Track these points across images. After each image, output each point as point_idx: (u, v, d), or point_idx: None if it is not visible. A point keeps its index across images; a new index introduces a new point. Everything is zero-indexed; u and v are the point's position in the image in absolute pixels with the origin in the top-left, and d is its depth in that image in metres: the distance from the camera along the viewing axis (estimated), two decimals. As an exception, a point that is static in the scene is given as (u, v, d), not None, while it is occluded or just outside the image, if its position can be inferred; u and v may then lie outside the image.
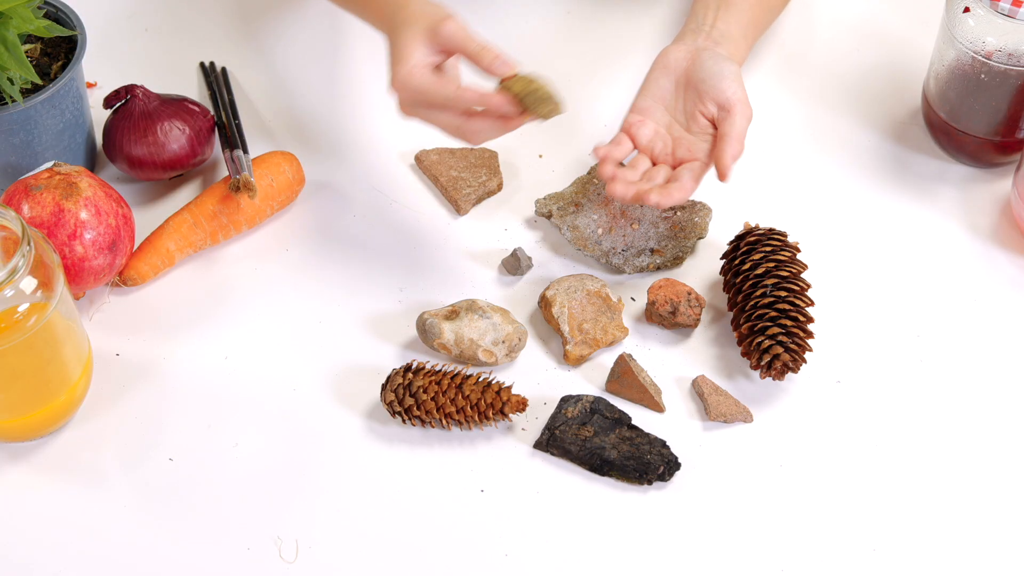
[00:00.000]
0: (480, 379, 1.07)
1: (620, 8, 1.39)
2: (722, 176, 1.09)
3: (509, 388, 1.06)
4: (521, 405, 1.06)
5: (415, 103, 1.07)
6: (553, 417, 1.07)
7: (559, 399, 1.09)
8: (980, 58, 1.17)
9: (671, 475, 1.04)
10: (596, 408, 1.07)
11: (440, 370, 1.07)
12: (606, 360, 1.12)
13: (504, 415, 1.06)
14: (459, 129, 1.07)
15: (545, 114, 1.05)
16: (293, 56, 1.35)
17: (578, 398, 1.08)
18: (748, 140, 1.27)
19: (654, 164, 1.14)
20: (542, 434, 1.07)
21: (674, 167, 1.12)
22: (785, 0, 1.28)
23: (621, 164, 1.13)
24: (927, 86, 1.25)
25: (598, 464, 1.05)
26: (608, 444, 1.06)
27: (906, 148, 1.27)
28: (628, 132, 1.14)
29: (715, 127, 1.12)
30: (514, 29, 1.37)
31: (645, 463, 1.04)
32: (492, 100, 1.05)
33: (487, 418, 1.06)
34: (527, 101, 1.05)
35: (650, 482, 1.04)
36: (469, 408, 1.05)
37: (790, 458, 1.07)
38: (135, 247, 1.17)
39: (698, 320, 1.12)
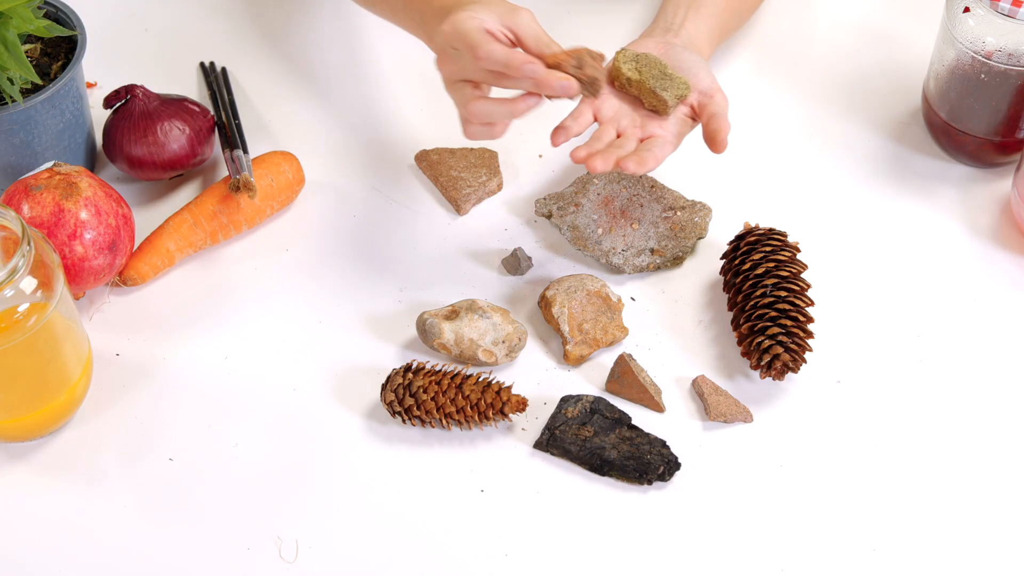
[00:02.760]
0: (480, 379, 1.07)
1: (619, 9, 1.39)
2: (721, 146, 1.09)
3: (509, 388, 1.06)
4: (521, 405, 1.06)
5: (456, 52, 1.05)
6: (553, 417, 1.07)
7: (559, 399, 1.09)
8: (980, 58, 1.17)
9: (671, 475, 1.04)
10: (596, 408, 1.07)
11: (440, 370, 1.07)
12: (606, 360, 1.12)
13: (504, 415, 1.06)
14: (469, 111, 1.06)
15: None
16: (293, 56, 1.35)
17: (578, 398, 1.08)
18: (748, 140, 1.28)
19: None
20: (542, 434, 1.07)
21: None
22: (754, 6, 1.28)
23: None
24: (927, 86, 1.25)
25: (598, 464, 1.05)
26: (608, 444, 1.06)
27: (906, 148, 1.27)
28: (591, 106, 1.12)
29: (693, 112, 1.12)
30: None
31: (645, 463, 1.04)
32: (546, 75, 1.03)
33: (487, 418, 1.06)
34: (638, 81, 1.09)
35: (650, 482, 1.04)
36: (469, 408, 1.05)
37: (790, 458, 1.07)
38: (135, 247, 1.17)
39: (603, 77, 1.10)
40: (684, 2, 1.20)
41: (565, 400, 1.08)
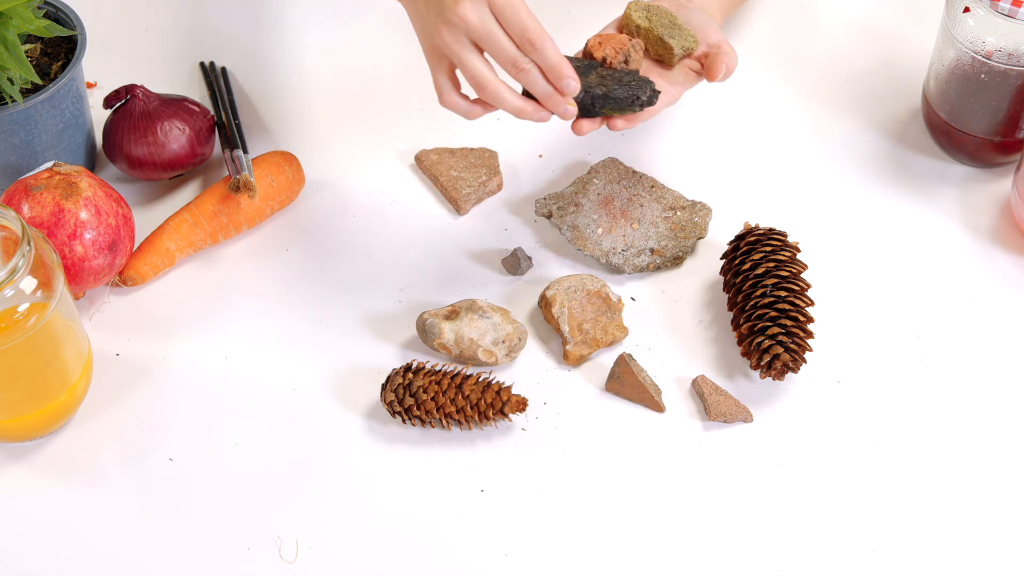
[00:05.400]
0: (480, 379, 1.07)
1: (619, 9, 1.39)
2: (716, 74, 1.11)
3: (509, 388, 1.06)
4: (521, 405, 1.06)
5: (482, 20, 1.02)
6: None
7: None
8: (980, 58, 1.17)
9: (656, 97, 1.07)
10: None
11: (440, 370, 1.07)
12: (606, 360, 1.12)
13: (504, 415, 1.06)
14: (492, 80, 1.04)
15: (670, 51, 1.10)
16: (293, 56, 1.35)
17: None
18: (748, 139, 1.28)
19: None
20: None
21: None
22: None
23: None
24: (927, 86, 1.25)
25: (590, 103, 1.06)
26: (593, 84, 1.07)
27: (906, 148, 1.27)
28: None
29: (700, 65, 1.14)
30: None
31: (634, 87, 1.07)
32: (562, 66, 1.02)
33: (487, 418, 1.06)
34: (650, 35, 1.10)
35: (642, 106, 1.06)
36: (469, 408, 1.05)
37: (790, 458, 1.07)
38: (135, 247, 1.17)
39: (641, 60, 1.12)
40: None
41: None
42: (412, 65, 1.33)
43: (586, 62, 1.09)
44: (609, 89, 1.07)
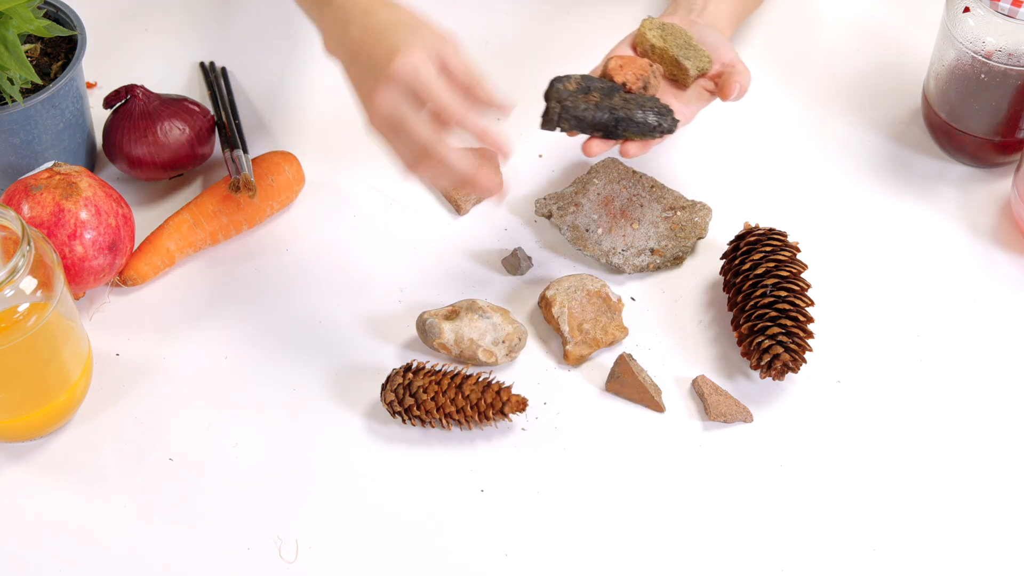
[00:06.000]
0: (480, 379, 1.07)
1: (619, 9, 1.39)
2: (730, 93, 1.11)
3: (509, 388, 1.06)
4: (521, 405, 1.06)
5: (401, 102, 0.97)
6: (555, 94, 1.07)
7: (550, 81, 1.08)
8: (980, 58, 1.17)
9: (676, 126, 1.08)
10: (588, 81, 1.08)
11: (440, 370, 1.07)
12: (606, 360, 1.12)
13: (504, 415, 1.06)
14: (433, 147, 0.97)
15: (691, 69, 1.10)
16: (293, 56, 1.35)
17: (567, 76, 1.08)
18: (748, 139, 1.28)
19: None
20: (549, 111, 1.06)
21: None
22: None
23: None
24: (927, 86, 1.25)
25: (613, 125, 1.06)
26: (617, 106, 1.07)
27: (906, 148, 1.27)
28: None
29: (713, 84, 1.14)
30: (511, 29, 1.37)
31: (658, 114, 1.07)
32: (493, 135, 0.99)
33: (487, 418, 1.06)
34: (665, 55, 1.10)
35: (663, 133, 1.07)
36: (469, 408, 1.05)
37: (790, 458, 1.07)
38: (135, 247, 1.17)
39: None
40: None
41: (556, 80, 1.08)
42: (412, 65, 1.33)
43: (608, 84, 1.09)
44: (632, 113, 1.07)
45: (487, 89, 1.00)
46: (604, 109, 1.07)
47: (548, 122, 1.09)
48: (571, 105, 1.08)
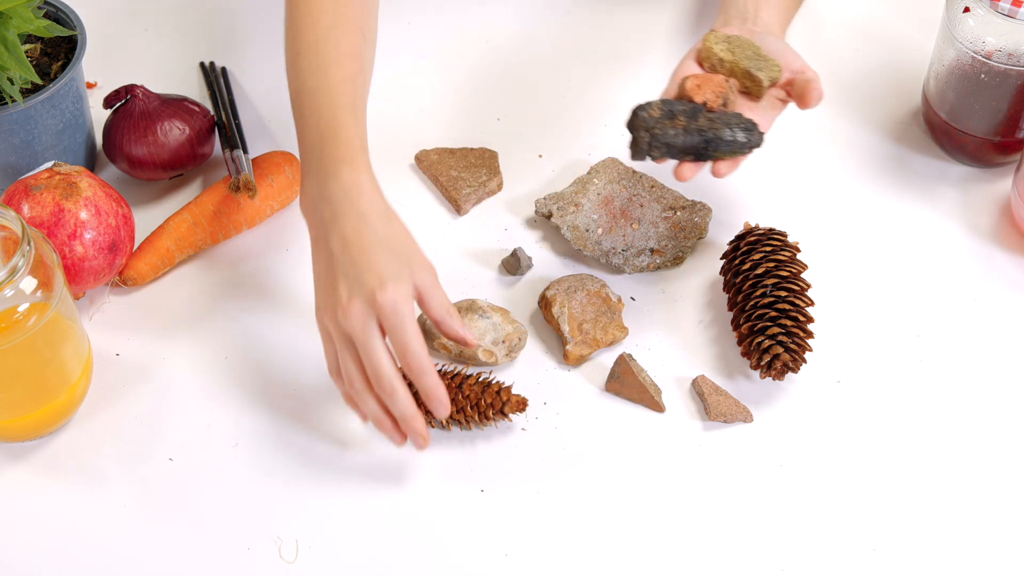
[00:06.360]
0: (480, 379, 1.07)
1: (619, 9, 1.39)
2: (810, 101, 1.09)
3: (509, 388, 1.06)
4: (521, 405, 1.06)
5: (372, 325, 0.98)
6: (640, 123, 1.05)
7: (631, 110, 1.06)
8: (980, 58, 1.17)
9: (762, 140, 1.07)
10: (670, 105, 1.06)
11: (440, 370, 1.07)
12: (606, 360, 1.12)
13: (504, 415, 1.06)
14: (381, 381, 0.98)
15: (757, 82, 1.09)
16: (293, 56, 1.34)
17: (648, 104, 1.06)
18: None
19: None
20: (638, 140, 1.05)
21: None
22: None
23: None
24: (927, 86, 1.25)
25: (703, 147, 1.05)
26: (704, 127, 1.05)
27: (906, 148, 1.27)
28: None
29: (785, 93, 1.12)
30: (511, 28, 1.37)
31: (744, 131, 1.06)
32: (437, 390, 0.99)
33: (487, 418, 1.06)
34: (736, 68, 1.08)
35: (751, 149, 1.06)
36: (469, 408, 1.05)
37: (790, 458, 1.07)
38: (135, 247, 1.17)
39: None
40: None
41: (639, 108, 1.06)
42: (412, 65, 1.33)
43: (690, 105, 1.07)
44: (721, 133, 1.05)
45: (456, 325, 1.01)
46: (693, 132, 1.05)
47: (638, 152, 1.06)
48: (660, 132, 1.05)
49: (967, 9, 1.17)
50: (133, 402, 1.10)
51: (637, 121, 1.06)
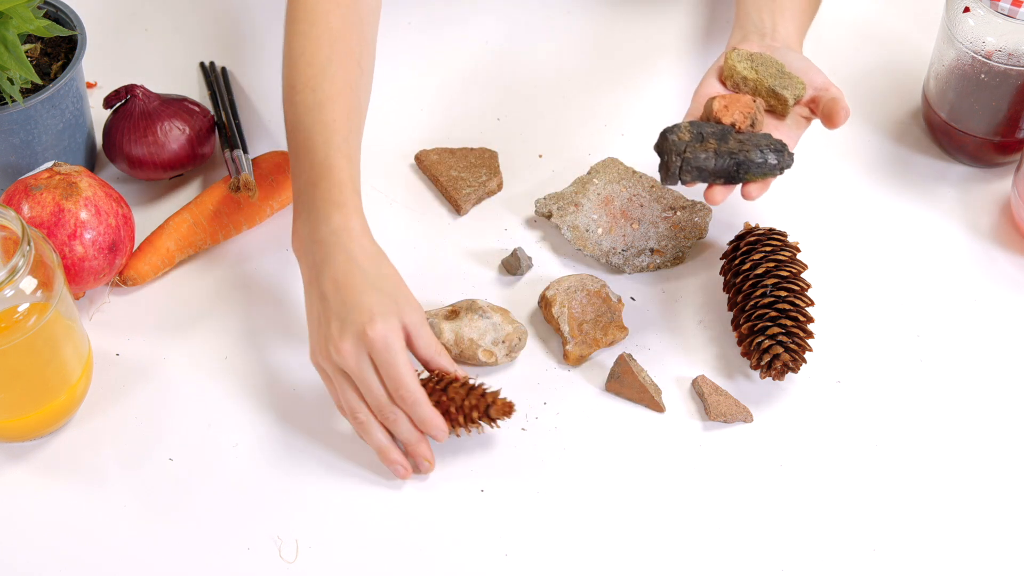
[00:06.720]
0: (467, 383, 1.04)
1: (619, 9, 1.39)
2: (837, 121, 1.08)
3: (496, 392, 1.04)
4: (507, 408, 1.03)
5: (365, 361, 1.01)
6: (670, 147, 1.04)
7: (659, 133, 1.06)
8: (980, 58, 1.17)
9: (792, 160, 1.06)
10: (698, 127, 1.05)
11: (423, 377, 1.04)
12: (606, 360, 1.12)
13: (490, 418, 1.04)
14: (382, 411, 1.02)
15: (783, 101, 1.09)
16: (293, 56, 1.34)
17: (676, 126, 1.05)
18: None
19: None
20: (669, 165, 1.04)
21: None
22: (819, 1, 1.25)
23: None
24: (927, 86, 1.25)
25: (734, 169, 1.04)
26: (734, 149, 1.05)
27: (906, 148, 1.27)
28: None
29: (810, 110, 1.12)
30: (511, 28, 1.37)
31: (775, 152, 1.05)
32: (433, 418, 1.02)
33: (472, 420, 1.03)
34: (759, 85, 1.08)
35: (782, 170, 1.05)
36: (454, 409, 1.03)
37: (790, 458, 1.07)
38: (135, 247, 1.17)
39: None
40: (762, 5, 1.17)
41: (668, 131, 1.05)
42: (412, 65, 1.33)
43: (719, 127, 1.06)
44: (751, 155, 1.04)
45: (446, 363, 1.04)
46: (724, 155, 1.04)
47: (669, 176, 1.05)
48: (691, 156, 1.04)
49: (967, 9, 1.17)
50: (133, 402, 1.10)
51: (667, 145, 1.05)
